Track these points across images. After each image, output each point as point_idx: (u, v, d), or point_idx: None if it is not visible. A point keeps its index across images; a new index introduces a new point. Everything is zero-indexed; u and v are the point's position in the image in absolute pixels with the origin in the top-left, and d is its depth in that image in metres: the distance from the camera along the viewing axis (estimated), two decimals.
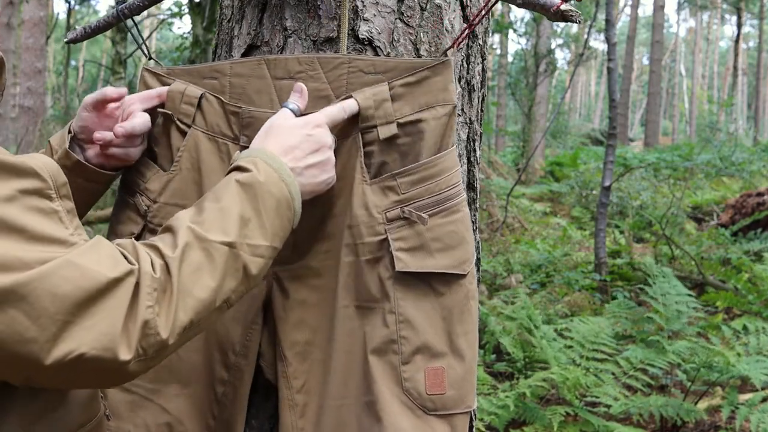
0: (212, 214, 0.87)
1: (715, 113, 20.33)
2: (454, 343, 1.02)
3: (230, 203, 0.88)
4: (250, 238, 0.87)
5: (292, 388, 1.06)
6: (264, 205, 0.90)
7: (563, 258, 6.50)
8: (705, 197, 10.35)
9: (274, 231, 0.90)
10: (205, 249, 0.83)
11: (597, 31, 24.43)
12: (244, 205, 0.88)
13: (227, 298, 0.85)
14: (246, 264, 0.86)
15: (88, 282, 0.72)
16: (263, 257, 0.89)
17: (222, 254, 0.84)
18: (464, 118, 1.22)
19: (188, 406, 1.09)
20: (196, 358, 1.09)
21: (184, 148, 1.11)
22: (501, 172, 12.87)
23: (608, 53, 6.01)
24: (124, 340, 0.74)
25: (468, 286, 1.04)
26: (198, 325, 0.82)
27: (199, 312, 0.81)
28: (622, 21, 43.60)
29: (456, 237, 1.03)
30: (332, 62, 1.06)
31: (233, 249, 0.85)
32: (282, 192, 0.92)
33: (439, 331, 1.01)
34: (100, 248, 0.77)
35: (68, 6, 15.20)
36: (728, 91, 34.43)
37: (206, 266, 0.82)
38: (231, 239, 0.85)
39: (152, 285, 0.77)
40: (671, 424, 3.12)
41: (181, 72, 1.13)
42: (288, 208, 0.93)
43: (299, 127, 0.99)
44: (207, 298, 0.81)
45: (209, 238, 0.84)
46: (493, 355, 4.02)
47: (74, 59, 32.04)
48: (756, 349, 3.51)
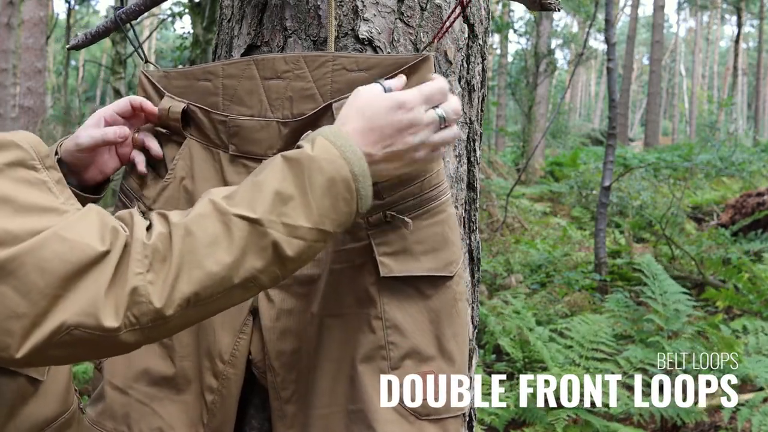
0: (244, 188, 0.82)
1: (714, 113, 20.31)
2: (443, 346, 0.99)
3: (268, 178, 0.82)
4: (287, 217, 0.80)
5: (281, 398, 1.06)
6: (311, 182, 0.81)
7: (563, 258, 6.50)
8: (705, 197, 10.36)
9: (323, 212, 0.82)
10: (225, 222, 0.78)
11: (597, 31, 24.43)
12: (285, 182, 0.81)
13: (252, 277, 0.79)
14: (277, 243, 0.79)
15: (77, 255, 0.71)
16: (304, 240, 0.81)
17: (241, 229, 0.78)
18: (464, 118, 1.22)
19: (180, 412, 1.09)
20: (187, 365, 1.09)
21: (180, 156, 1.12)
22: (501, 172, 12.87)
23: (608, 53, 6.01)
24: (110, 306, 0.72)
25: (455, 287, 1.01)
26: (210, 301, 0.78)
27: (207, 286, 0.76)
28: (622, 21, 43.58)
29: (441, 239, 1.00)
30: (317, 60, 1.04)
31: (259, 226, 0.78)
32: (339, 170, 0.83)
33: (427, 335, 0.99)
34: (90, 218, 0.75)
35: (68, 6, 15.19)
36: (728, 91, 34.41)
37: (223, 240, 0.77)
38: (257, 215, 0.79)
39: (143, 252, 0.74)
40: (671, 425, 3.12)
41: (177, 75, 1.13)
42: (347, 189, 0.83)
43: (387, 108, 0.89)
44: (219, 273, 0.76)
45: (231, 211, 0.78)
46: (493, 355, 4.02)
47: (74, 59, 32.02)
48: (756, 348, 3.51)
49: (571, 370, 3.21)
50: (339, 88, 1.03)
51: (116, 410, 1.10)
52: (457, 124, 0.97)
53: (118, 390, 1.11)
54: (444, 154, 1.08)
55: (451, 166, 1.19)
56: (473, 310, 1.28)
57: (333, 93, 1.03)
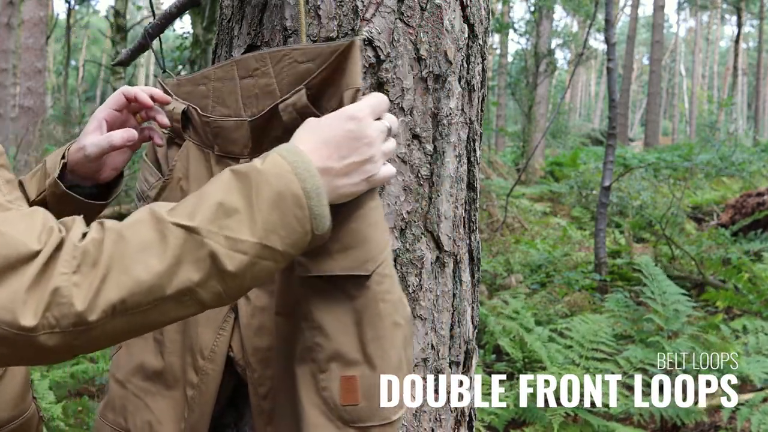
0: (189, 200, 0.79)
1: (714, 113, 20.32)
2: (365, 350, 0.94)
3: (213, 190, 0.79)
4: (229, 229, 0.77)
5: (258, 395, 1.06)
6: (258, 196, 0.79)
7: (563, 258, 6.51)
8: (705, 197, 10.36)
9: (269, 228, 0.79)
10: (160, 230, 0.75)
11: (597, 31, 24.44)
12: (230, 194, 0.79)
13: (187, 289, 0.75)
14: (216, 255, 0.75)
15: (9, 250, 0.70)
16: (246, 254, 0.77)
17: (177, 237, 0.75)
18: (464, 118, 1.22)
19: (169, 407, 1.10)
20: (174, 361, 1.10)
21: (178, 157, 1.15)
22: (501, 172, 12.88)
23: (608, 53, 6.01)
24: (30, 304, 0.69)
25: (376, 287, 0.94)
26: (138, 311, 0.73)
27: (135, 294, 0.72)
28: (622, 21, 43.61)
29: (356, 235, 0.94)
30: (277, 55, 1.03)
31: (195, 235, 0.75)
32: (288, 185, 0.80)
33: (351, 338, 0.94)
34: (34, 218, 0.74)
35: (68, 6, 15.20)
36: (728, 91, 34.42)
37: (156, 246, 0.74)
38: (194, 224, 0.75)
39: (73, 253, 0.72)
40: (671, 425, 3.12)
41: (185, 81, 1.16)
42: (297, 206, 0.80)
43: (339, 120, 0.88)
44: (148, 281, 0.73)
45: (168, 219, 0.75)
46: (493, 355, 4.02)
47: (74, 59, 32.05)
48: (756, 348, 3.51)
49: (571, 370, 3.21)
50: (290, 81, 1.01)
51: (116, 403, 1.13)
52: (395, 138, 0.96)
53: (119, 383, 1.14)
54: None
55: (451, 166, 1.19)
56: (473, 310, 1.28)
57: (288, 87, 1.01)
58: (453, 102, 1.18)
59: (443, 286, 1.19)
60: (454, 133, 1.18)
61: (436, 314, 1.18)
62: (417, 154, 1.14)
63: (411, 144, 1.13)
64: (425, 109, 1.14)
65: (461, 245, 1.22)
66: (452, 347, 1.21)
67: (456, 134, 1.19)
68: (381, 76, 1.10)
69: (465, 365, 1.25)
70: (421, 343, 1.16)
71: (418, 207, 1.15)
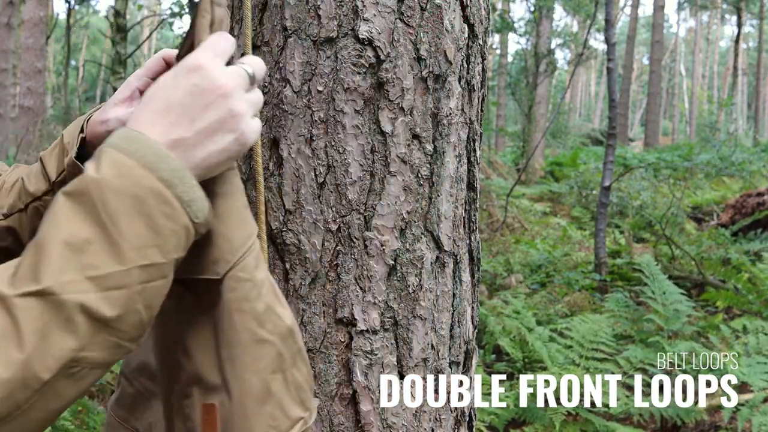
0: (27, 253, 0.61)
1: (714, 113, 20.33)
2: (222, 373, 0.78)
3: (50, 229, 0.61)
4: (91, 269, 0.60)
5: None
6: (108, 213, 0.61)
7: (563, 258, 6.51)
8: (705, 197, 10.37)
9: (139, 243, 0.62)
10: (7, 310, 0.57)
11: (597, 31, 24.44)
12: (73, 225, 0.61)
13: (71, 360, 0.59)
14: (86, 307, 0.59)
15: None
16: (125, 287, 0.61)
17: (29, 311, 0.57)
18: (464, 118, 1.22)
19: (165, 410, 1.11)
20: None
21: None
22: (501, 172, 12.88)
23: (608, 53, 6.01)
24: None
25: (228, 294, 0.76)
26: (21, 413, 0.57)
27: (5, 398, 0.56)
28: (622, 21, 43.62)
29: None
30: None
31: (49, 297, 0.58)
32: (141, 183, 0.63)
33: (211, 357, 0.78)
34: None
35: (68, 6, 15.20)
36: (728, 91, 34.41)
37: (8, 334, 0.57)
38: (43, 285, 0.58)
39: None
40: (671, 425, 3.13)
41: None
42: (161, 202, 0.63)
43: (175, 76, 0.69)
44: (14, 376, 0.56)
45: (11, 292, 0.58)
46: (493, 355, 4.02)
47: (74, 59, 32.04)
48: (756, 349, 3.51)
49: (571, 370, 3.21)
50: None
51: (125, 399, 1.12)
52: (259, 87, 0.79)
53: (127, 380, 1.14)
54: None
55: (451, 166, 1.19)
56: (473, 310, 1.28)
57: None
58: (453, 102, 1.18)
59: (443, 286, 1.19)
60: (454, 133, 1.18)
61: (436, 314, 1.18)
62: (417, 154, 1.14)
63: (411, 144, 1.13)
64: (425, 109, 1.14)
65: (461, 245, 1.22)
66: (452, 347, 1.21)
67: (456, 134, 1.19)
68: (381, 76, 1.10)
69: (465, 365, 1.25)
70: (421, 343, 1.16)
71: (418, 207, 1.15)
